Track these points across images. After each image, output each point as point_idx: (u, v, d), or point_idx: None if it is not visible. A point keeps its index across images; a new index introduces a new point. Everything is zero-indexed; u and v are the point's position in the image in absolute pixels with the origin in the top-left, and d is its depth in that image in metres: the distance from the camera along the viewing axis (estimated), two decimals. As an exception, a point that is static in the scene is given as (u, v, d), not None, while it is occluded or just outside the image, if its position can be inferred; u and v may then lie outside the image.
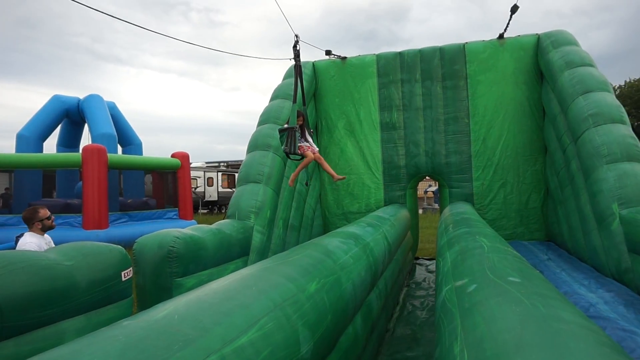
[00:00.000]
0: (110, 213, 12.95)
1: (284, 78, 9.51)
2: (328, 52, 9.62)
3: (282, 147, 5.60)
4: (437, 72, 9.19)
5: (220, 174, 27.79)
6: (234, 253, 5.64)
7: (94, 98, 15.18)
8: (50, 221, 4.30)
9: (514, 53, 8.84)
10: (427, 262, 9.84)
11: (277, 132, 7.80)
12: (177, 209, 15.22)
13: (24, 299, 2.77)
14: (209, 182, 26.72)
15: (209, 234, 5.14)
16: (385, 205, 9.30)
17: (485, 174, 8.90)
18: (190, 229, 5.07)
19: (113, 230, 12.60)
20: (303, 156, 5.67)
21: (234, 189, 30.88)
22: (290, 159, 5.90)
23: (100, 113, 14.66)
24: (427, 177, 10.17)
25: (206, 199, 26.29)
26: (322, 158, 5.92)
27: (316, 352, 2.04)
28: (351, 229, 4.41)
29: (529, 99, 8.75)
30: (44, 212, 4.29)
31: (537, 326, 1.36)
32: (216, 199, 27.04)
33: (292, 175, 5.98)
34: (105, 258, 3.50)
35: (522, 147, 8.79)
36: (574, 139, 6.73)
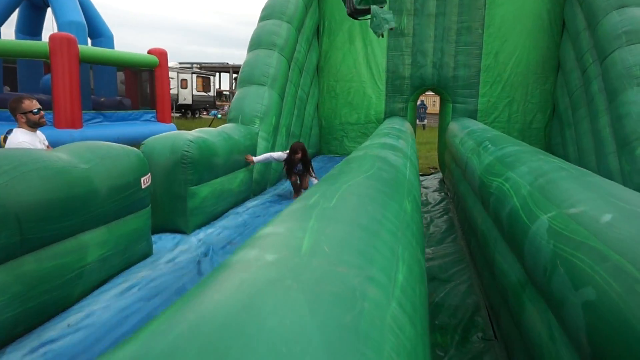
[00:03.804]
0: (83, 112, 12.00)
1: (285, -32, 8.42)
2: None
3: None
4: (453, -25, 8.35)
5: (195, 76, 26.24)
6: (242, 160, 5.24)
7: (56, -22, 13.32)
8: (37, 116, 3.67)
9: (539, -42, 8.06)
10: (420, 178, 9.74)
11: (280, 28, 7.02)
12: (154, 110, 14.32)
13: (42, 207, 2.33)
14: (183, 84, 25.26)
15: (219, 138, 4.68)
16: (385, 118, 8.90)
17: (493, 91, 8.53)
18: (198, 131, 4.57)
19: (88, 130, 11.77)
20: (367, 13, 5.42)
21: (209, 93, 29.55)
22: (357, 19, 5.77)
23: (65, -3, 12.97)
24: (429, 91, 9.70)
25: (180, 102, 25.02)
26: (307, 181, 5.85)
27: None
28: (387, 140, 4.03)
29: (549, 13, 8.16)
30: (29, 104, 3.63)
31: None
32: (190, 102, 25.80)
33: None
34: (123, 162, 3.03)
35: (534, 65, 8.37)
36: (601, 57, 6.35)
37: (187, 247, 3.50)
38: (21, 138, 3.62)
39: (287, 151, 5.63)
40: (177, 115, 25.57)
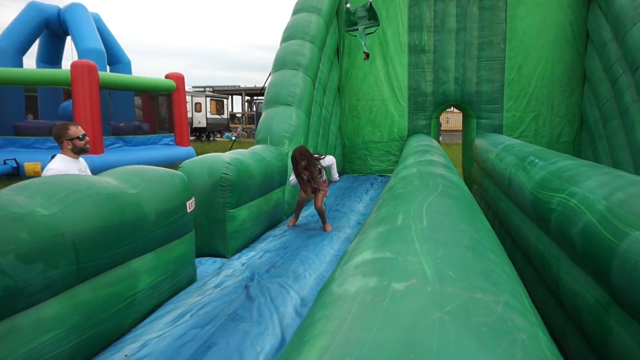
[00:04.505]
0: (103, 137, 12.10)
1: (305, -10, 8.51)
2: None
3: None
4: (473, -10, 8.37)
5: (209, 99, 26.53)
6: (275, 182, 5.16)
7: (76, 7, 13.64)
8: (83, 142, 3.63)
9: (560, -30, 8.04)
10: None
11: (304, 48, 7.05)
12: (172, 134, 14.42)
13: (96, 234, 2.25)
14: (197, 107, 25.52)
15: (253, 160, 4.61)
16: (408, 135, 8.82)
17: (518, 105, 8.43)
18: (233, 153, 4.51)
19: (109, 155, 11.86)
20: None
21: (222, 116, 29.73)
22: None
23: (85, 25, 13.26)
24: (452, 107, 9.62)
25: (194, 125, 25.24)
26: (321, 197, 4.73)
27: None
28: (429, 157, 3.92)
29: (572, 24, 8.10)
30: (75, 130, 3.61)
31: None
32: (205, 125, 26.01)
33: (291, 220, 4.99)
34: (169, 186, 2.96)
35: (559, 77, 8.27)
36: (633, 68, 6.23)
37: (232, 272, 3.39)
38: (52, 165, 3.55)
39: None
40: (192, 138, 25.78)
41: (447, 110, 13.88)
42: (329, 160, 4.81)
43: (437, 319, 0.86)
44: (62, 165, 3.60)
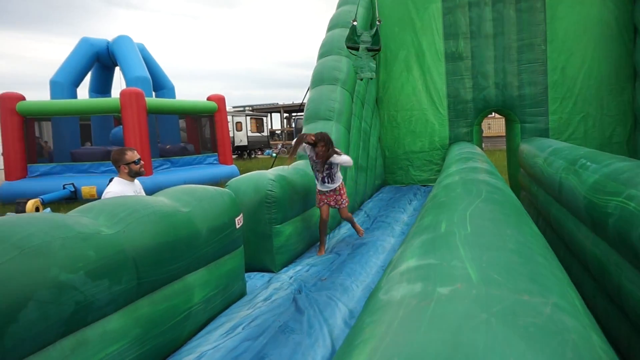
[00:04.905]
0: (152, 159, 12.67)
1: (338, 6, 8.68)
2: None
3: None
4: (510, -7, 8.25)
5: (249, 118, 27.21)
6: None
7: (123, 40, 14.47)
8: (138, 166, 3.85)
9: (601, -35, 7.80)
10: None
11: (340, 63, 7.17)
12: (216, 154, 14.89)
13: (154, 251, 2.39)
14: (238, 126, 26.22)
15: (296, 175, 4.71)
16: (450, 144, 8.71)
17: (564, 107, 8.16)
18: (277, 170, 4.63)
19: (158, 176, 12.37)
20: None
21: (263, 134, 30.34)
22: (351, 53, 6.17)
23: (132, 55, 14.02)
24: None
25: (236, 144, 25.91)
26: (345, 209, 4.73)
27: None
28: (472, 163, 3.88)
29: (618, 20, 7.79)
30: (132, 155, 3.84)
31: None
32: (246, 143, 26.66)
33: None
34: (219, 203, 3.09)
35: (607, 76, 7.95)
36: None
37: (280, 285, 3.47)
38: (110, 189, 3.78)
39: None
40: (235, 156, 26.47)
41: (489, 116, 13.61)
42: (346, 157, 4.52)
43: (484, 321, 0.89)
44: (119, 187, 3.84)
